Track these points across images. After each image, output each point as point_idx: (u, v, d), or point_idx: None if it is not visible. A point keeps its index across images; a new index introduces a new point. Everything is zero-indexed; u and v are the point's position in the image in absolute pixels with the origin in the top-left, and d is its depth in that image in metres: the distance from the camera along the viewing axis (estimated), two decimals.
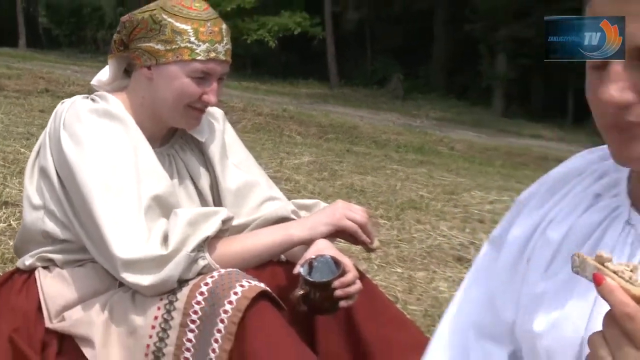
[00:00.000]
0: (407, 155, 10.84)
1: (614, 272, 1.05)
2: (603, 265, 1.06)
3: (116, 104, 2.14)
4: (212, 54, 2.12)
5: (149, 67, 2.13)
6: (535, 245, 1.43)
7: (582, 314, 1.28)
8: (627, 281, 1.04)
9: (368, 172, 7.49)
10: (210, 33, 2.13)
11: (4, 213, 4.04)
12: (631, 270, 1.06)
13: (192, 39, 2.10)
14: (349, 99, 23.23)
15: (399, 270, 3.92)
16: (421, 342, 2.25)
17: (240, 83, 22.14)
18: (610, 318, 1.05)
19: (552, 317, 1.33)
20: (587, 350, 1.12)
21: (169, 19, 2.10)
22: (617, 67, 1.25)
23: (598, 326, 1.07)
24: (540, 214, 1.44)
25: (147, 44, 2.11)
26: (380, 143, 12.26)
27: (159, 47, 2.10)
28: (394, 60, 29.08)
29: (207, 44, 2.11)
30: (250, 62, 31.09)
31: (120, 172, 2.03)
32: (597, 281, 1.04)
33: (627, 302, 1.03)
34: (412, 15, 29.39)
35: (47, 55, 25.79)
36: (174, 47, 2.09)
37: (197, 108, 2.17)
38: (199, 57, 2.10)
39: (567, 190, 1.43)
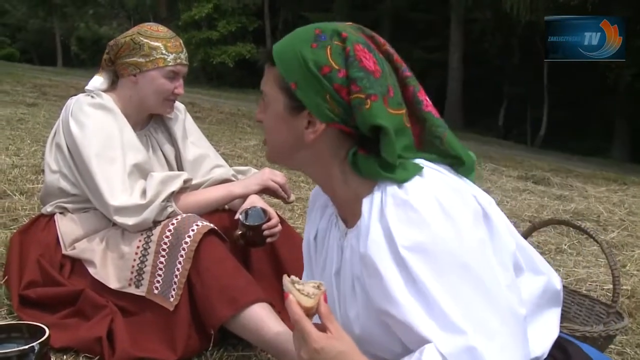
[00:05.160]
0: None
1: (299, 290, 1.09)
2: (293, 284, 1.10)
3: (108, 99, 2.11)
4: (178, 60, 2.11)
5: (134, 75, 2.09)
6: (309, 245, 1.43)
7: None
8: (305, 295, 1.09)
9: None
10: (174, 46, 2.11)
11: (42, 177, 3.97)
12: (318, 287, 1.11)
13: (164, 51, 2.08)
14: None
15: None
16: None
17: (208, 91, 21.86)
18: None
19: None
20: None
21: (145, 40, 2.07)
22: (262, 98, 1.26)
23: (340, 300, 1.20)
24: (309, 224, 1.44)
25: (132, 59, 2.08)
26: None
27: (141, 60, 2.07)
28: None
29: (174, 54, 2.10)
30: (215, 76, 30.76)
31: (110, 146, 2.01)
32: (285, 296, 1.09)
33: (296, 312, 1.08)
34: None
35: (76, 72, 25.14)
36: (152, 58, 2.07)
37: (170, 99, 2.16)
38: (170, 63, 2.09)
39: (317, 205, 1.42)
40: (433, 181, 1.15)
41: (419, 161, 1.18)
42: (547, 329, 1.28)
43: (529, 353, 1.14)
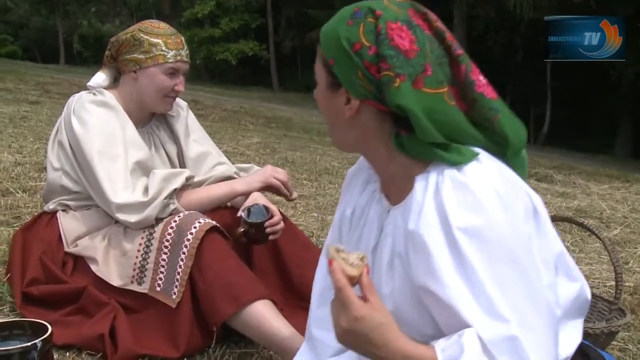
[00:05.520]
0: (325, 138, 10.77)
1: (344, 259, 1.09)
2: (338, 253, 1.09)
3: (110, 97, 2.11)
4: (178, 57, 2.10)
5: (134, 71, 2.09)
6: (343, 221, 1.42)
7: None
8: (349, 265, 1.08)
9: (297, 149, 7.45)
10: (175, 43, 2.10)
11: (45, 175, 3.98)
12: (361, 259, 1.10)
13: (164, 48, 2.07)
14: (286, 99, 23.06)
15: (315, 214, 3.92)
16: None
17: (211, 88, 21.90)
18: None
19: None
20: None
21: (145, 36, 2.07)
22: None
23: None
24: (344, 200, 1.44)
25: (132, 55, 2.08)
26: (307, 130, 12.19)
27: (141, 56, 2.07)
28: None
29: (174, 51, 2.09)
30: (218, 74, 30.77)
31: (113, 144, 2.01)
32: (329, 263, 1.08)
33: (341, 279, 1.07)
34: None
35: (79, 69, 25.20)
36: (151, 55, 2.07)
37: (170, 96, 2.15)
38: (169, 60, 2.08)
39: (355, 181, 1.42)
40: (490, 169, 1.15)
41: (475, 149, 1.18)
42: (573, 334, 1.28)
43: (558, 354, 1.15)
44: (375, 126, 1.21)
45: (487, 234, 1.09)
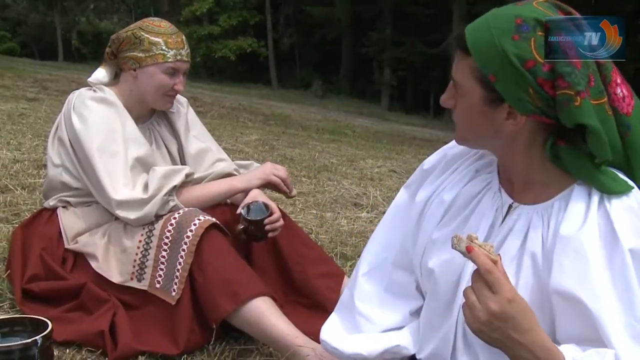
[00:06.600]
0: (323, 135, 10.80)
1: (479, 246, 1.08)
2: (472, 241, 1.09)
3: (110, 93, 2.10)
4: (178, 57, 2.09)
5: (134, 69, 2.09)
6: (432, 204, 1.38)
7: (461, 258, 1.23)
8: (487, 252, 1.08)
9: (296, 146, 7.45)
10: (175, 42, 2.10)
11: (44, 172, 3.98)
12: (491, 247, 1.11)
13: (163, 47, 2.07)
14: (284, 97, 23.05)
15: (314, 211, 3.92)
16: (322, 256, 2.29)
17: (209, 85, 21.89)
18: (477, 275, 1.07)
19: (442, 258, 1.30)
20: (463, 282, 1.17)
21: (146, 35, 2.07)
22: (451, 83, 1.22)
23: (469, 268, 1.10)
24: (438, 181, 1.39)
25: (132, 53, 2.08)
26: (305, 127, 12.18)
27: (141, 54, 2.07)
28: (315, 71, 29.03)
29: (174, 50, 2.08)
30: (217, 70, 30.74)
31: (113, 140, 2.01)
32: (469, 250, 1.06)
33: (488, 262, 1.05)
34: (326, 42, 29.32)
35: (77, 66, 25.12)
36: (151, 54, 2.06)
37: (170, 95, 2.15)
38: (169, 60, 2.08)
39: (457, 166, 1.38)
40: None
41: (628, 180, 1.17)
42: None
43: None
44: (529, 137, 1.18)
45: None
